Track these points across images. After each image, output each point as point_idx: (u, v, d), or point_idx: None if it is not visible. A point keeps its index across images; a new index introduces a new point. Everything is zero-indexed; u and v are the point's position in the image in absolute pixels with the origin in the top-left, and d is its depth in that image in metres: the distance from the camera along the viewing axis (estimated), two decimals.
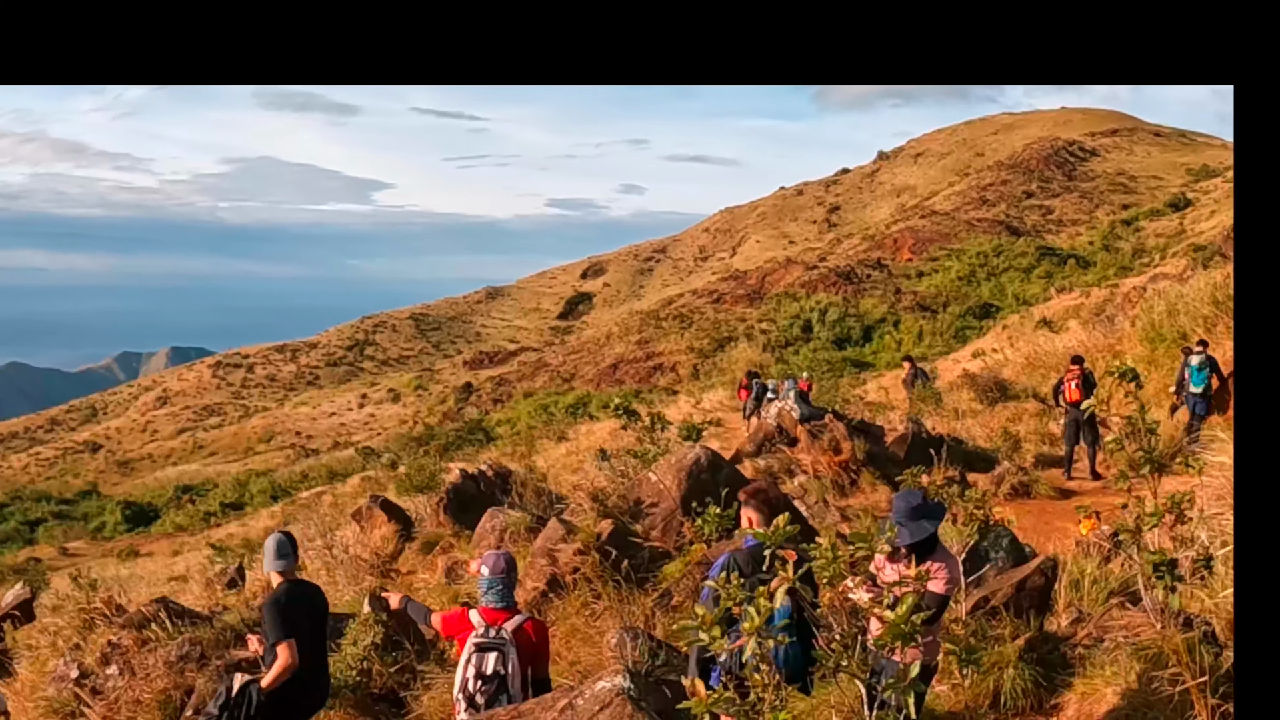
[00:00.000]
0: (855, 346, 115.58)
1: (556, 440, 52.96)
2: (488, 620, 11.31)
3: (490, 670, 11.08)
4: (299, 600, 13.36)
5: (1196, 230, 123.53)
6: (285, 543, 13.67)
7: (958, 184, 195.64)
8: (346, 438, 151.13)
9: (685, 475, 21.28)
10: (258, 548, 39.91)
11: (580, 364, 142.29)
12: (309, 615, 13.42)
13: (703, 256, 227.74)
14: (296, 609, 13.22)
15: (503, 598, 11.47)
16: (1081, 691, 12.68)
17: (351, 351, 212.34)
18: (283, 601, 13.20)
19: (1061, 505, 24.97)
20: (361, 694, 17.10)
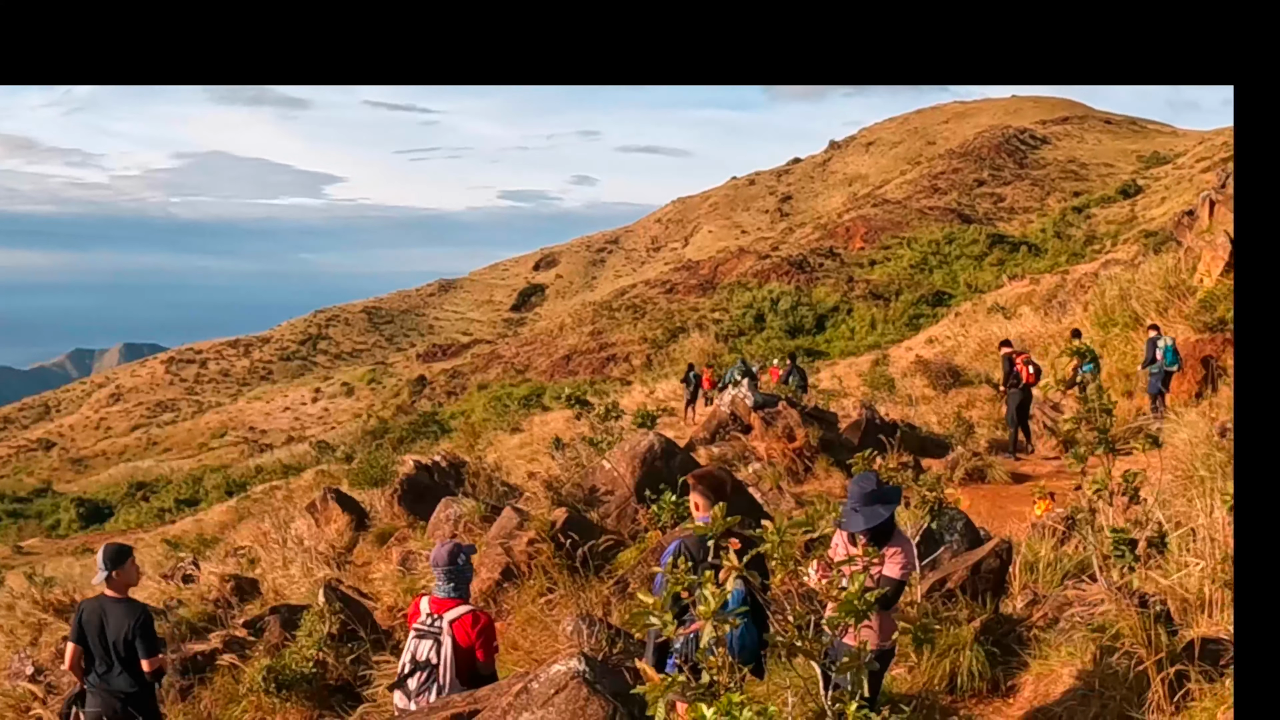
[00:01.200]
0: (808, 335, 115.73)
1: (510, 431, 52.97)
2: (433, 609, 11.28)
3: (423, 657, 11.14)
4: (93, 614, 13.56)
5: (1148, 217, 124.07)
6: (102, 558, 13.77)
7: (909, 172, 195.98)
8: (301, 432, 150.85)
9: (639, 463, 21.27)
10: (212, 543, 39.86)
11: (534, 355, 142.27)
12: (100, 629, 13.54)
13: (655, 247, 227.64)
14: (87, 621, 13.57)
15: (448, 589, 11.41)
16: (1037, 672, 12.71)
17: (305, 346, 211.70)
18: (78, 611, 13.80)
19: (1016, 489, 25.03)
20: (317, 685, 17.01)
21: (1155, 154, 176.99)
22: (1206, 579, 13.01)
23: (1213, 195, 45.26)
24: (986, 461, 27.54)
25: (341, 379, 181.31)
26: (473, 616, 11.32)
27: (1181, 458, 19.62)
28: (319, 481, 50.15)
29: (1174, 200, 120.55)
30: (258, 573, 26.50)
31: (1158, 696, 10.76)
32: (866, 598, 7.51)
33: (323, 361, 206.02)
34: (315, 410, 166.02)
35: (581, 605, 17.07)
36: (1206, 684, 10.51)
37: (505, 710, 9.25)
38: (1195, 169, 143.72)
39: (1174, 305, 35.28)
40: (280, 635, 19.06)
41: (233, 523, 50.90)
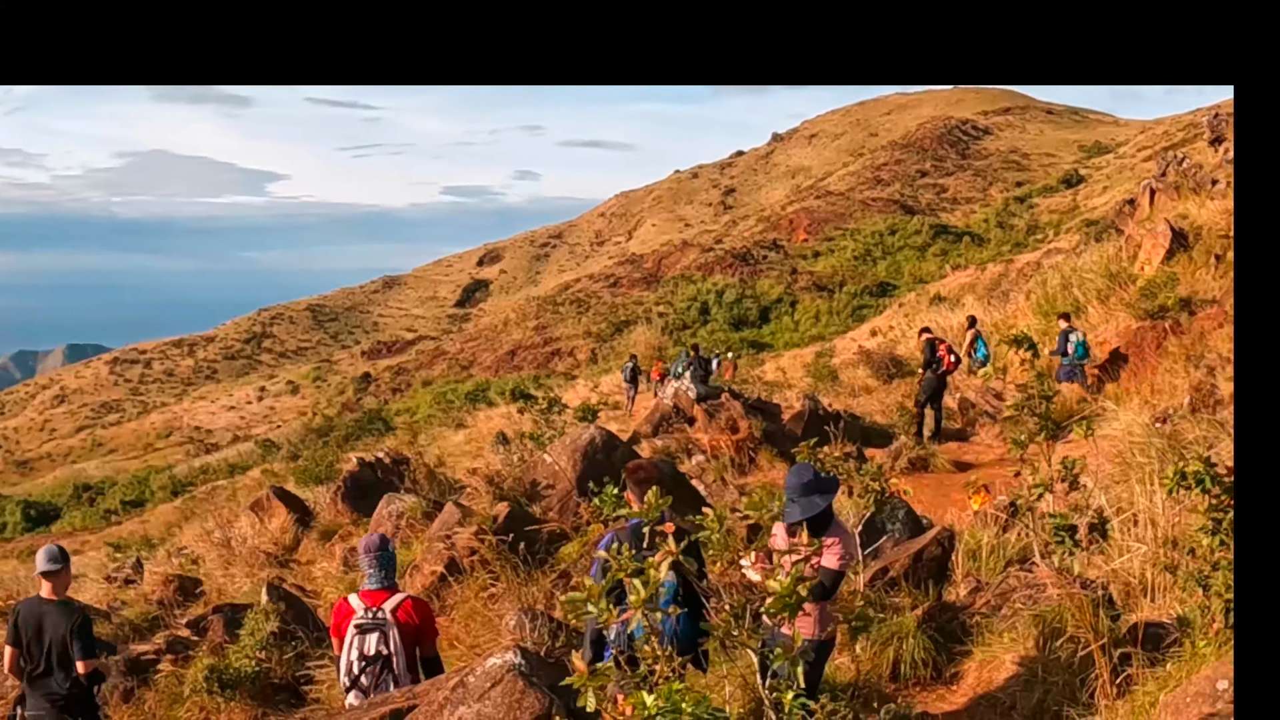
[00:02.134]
0: (753, 328, 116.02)
1: (455, 428, 52.83)
2: (367, 602, 11.29)
3: (373, 651, 11.11)
4: (30, 616, 13.49)
5: (1090, 206, 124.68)
6: (46, 558, 13.71)
7: (852, 164, 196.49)
8: (246, 431, 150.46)
9: (580, 456, 21.27)
10: (158, 544, 39.67)
11: (478, 351, 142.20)
12: (37, 631, 13.49)
13: (599, 241, 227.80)
14: (24, 623, 13.48)
15: (379, 579, 11.48)
16: (981, 659, 12.73)
17: (249, 344, 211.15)
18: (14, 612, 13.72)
19: (959, 478, 25.04)
20: (261, 685, 16.90)
21: (1097, 144, 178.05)
22: (1148, 563, 13.04)
23: (1153, 184, 45.35)
24: (929, 451, 27.57)
25: (286, 377, 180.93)
26: (412, 601, 11.49)
27: (1122, 445, 19.67)
28: (264, 480, 49.99)
29: (1116, 189, 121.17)
30: (201, 572, 26.36)
31: (1101, 681, 10.76)
32: (799, 589, 7.47)
33: (267, 360, 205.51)
34: (260, 409, 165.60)
35: (524, 599, 17.05)
36: (1149, 668, 10.51)
37: (442, 704, 9.21)
38: (1137, 158, 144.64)
39: (1115, 293, 35.39)
40: (223, 635, 18.94)
41: (178, 523, 50.70)
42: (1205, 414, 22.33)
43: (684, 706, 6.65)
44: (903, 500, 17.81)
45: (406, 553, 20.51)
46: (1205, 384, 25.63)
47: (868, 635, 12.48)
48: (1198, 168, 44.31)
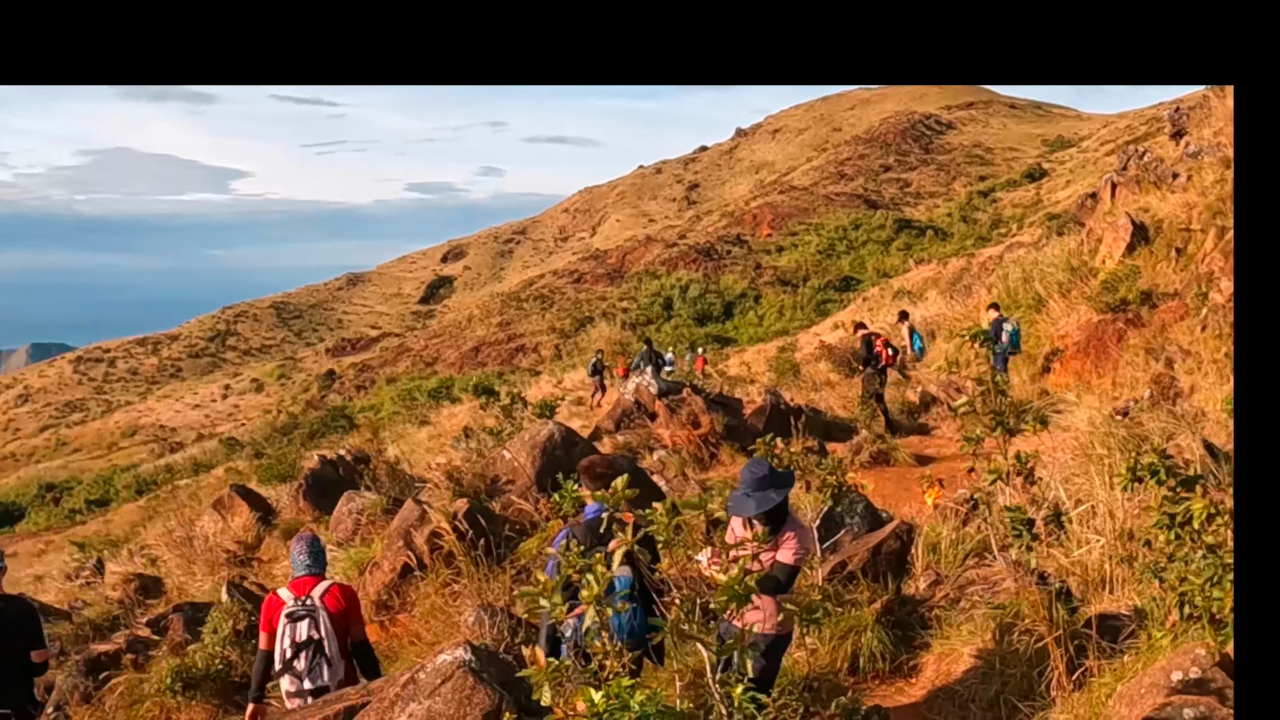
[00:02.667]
0: (716, 322, 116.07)
1: (419, 424, 52.78)
2: (296, 591, 11.86)
3: (304, 636, 11.68)
4: None
5: (1052, 200, 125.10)
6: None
7: (816, 159, 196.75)
8: (210, 429, 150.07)
9: (539, 452, 21.30)
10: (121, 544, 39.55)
11: (442, 348, 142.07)
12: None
13: (563, 237, 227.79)
14: None
15: (307, 566, 12.13)
16: (939, 652, 12.75)
17: (213, 342, 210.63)
18: None
19: (920, 472, 25.05)
20: (223, 683, 16.87)
21: (1060, 138, 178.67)
22: (1106, 556, 13.06)
23: (1115, 177, 45.47)
24: (891, 445, 27.59)
25: (251, 375, 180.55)
26: (339, 588, 12.12)
27: (1081, 437, 19.70)
28: (228, 478, 49.87)
29: (1078, 183, 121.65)
30: (162, 571, 26.29)
31: (1058, 673, 10.77)
32: (748, 582, 7.44)
33: (232, 358, 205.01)
34: (225, 407, 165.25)
35: (484, 595, 17.05)
36: (1106, 659, 10.52)
37: (394, 701, 9.19)
38: (1099, 152, 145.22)
39: (1076, 286, 35.44)
40: (183, 634, 18.92)
41: (143, 522, 50.52)
42: (1165, 406, 22.40)
43: (632, 702, 6.62)
44: (861, 494, 17.82)
45: (367, 550, 20.49)
46: (1165, 376, 25.69)
47: (822, 628, 12.47)
48: (1159, 161, 44.42)
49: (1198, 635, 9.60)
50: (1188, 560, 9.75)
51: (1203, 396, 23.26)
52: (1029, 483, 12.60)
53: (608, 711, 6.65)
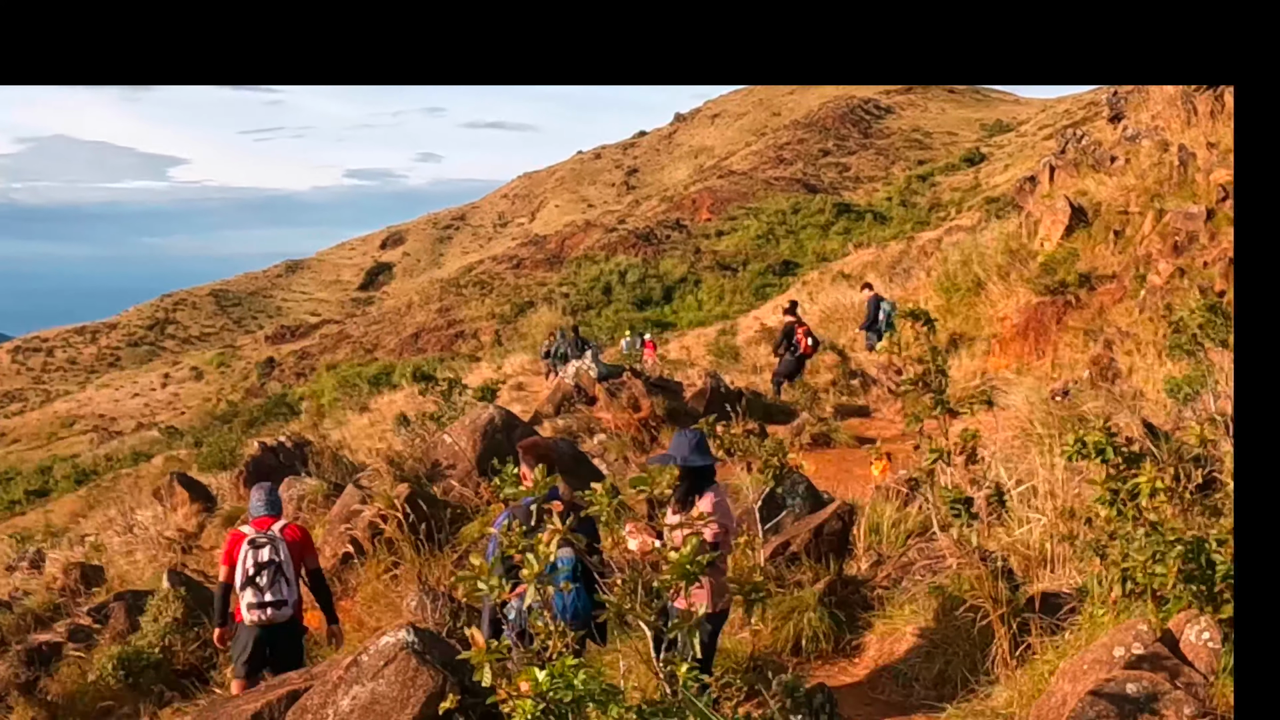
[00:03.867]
0: (656, 307, 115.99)
1: (360, 411, 52.63)
2: (257, 527, 13.78)
3: (266, 559, 13.42)
4: None
5: (991, 184, 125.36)
6: None
7: (755, 144, 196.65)
8: (150, 418, 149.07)
9: (480, 436, 21.31)
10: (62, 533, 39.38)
11: (382, 334, 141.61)
12: None
13: (502, 223, 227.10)
14: None
15: (266, 509, 14.09)
16: (882, 631, 12.79)
17: (152, 331, 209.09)
18: None
19: (861, 453, 25.06)
20: (165, 671, 16.79)
21: (998, 122, 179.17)
22: (1047, 534, 13.11)
23: (1053, 161, 45.62)
24: (832, 427, 27.63)
25: (190, 363, 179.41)
26: (294, 525, 14.26)
27: (1021, 417, 19.79)
28: (168, 467, 49.66)
29: (1017, 167, 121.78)
30: (104, 560, 26.17)
31: (1001, 650, 10.80)
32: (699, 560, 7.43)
33: (171, 346, 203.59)
34: (165, 396, 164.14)
35: (426, 580, 17.02)
36: (1048, 636, 10.55)
37: (336, 684, 9.16)
38: (1038, 136, 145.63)
39: (1015, 269, 35.57)
40: (125, 622, 18.83)
41: (83, 512, 50.32)
42: (1104, 387, 22.51)
43: (576, 682, 6.60)
44: (803, 475, 17.83)
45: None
46: (1104, 358, 25.81)
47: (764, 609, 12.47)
48: (1097, 145, 44.59)
49: (1140, 611, 9.63)
50: (1129, 537, 9.78)
51: (1141, 377, 23.38)
52: (970, 462, 12.64)
53: (551, 691, 6.63)
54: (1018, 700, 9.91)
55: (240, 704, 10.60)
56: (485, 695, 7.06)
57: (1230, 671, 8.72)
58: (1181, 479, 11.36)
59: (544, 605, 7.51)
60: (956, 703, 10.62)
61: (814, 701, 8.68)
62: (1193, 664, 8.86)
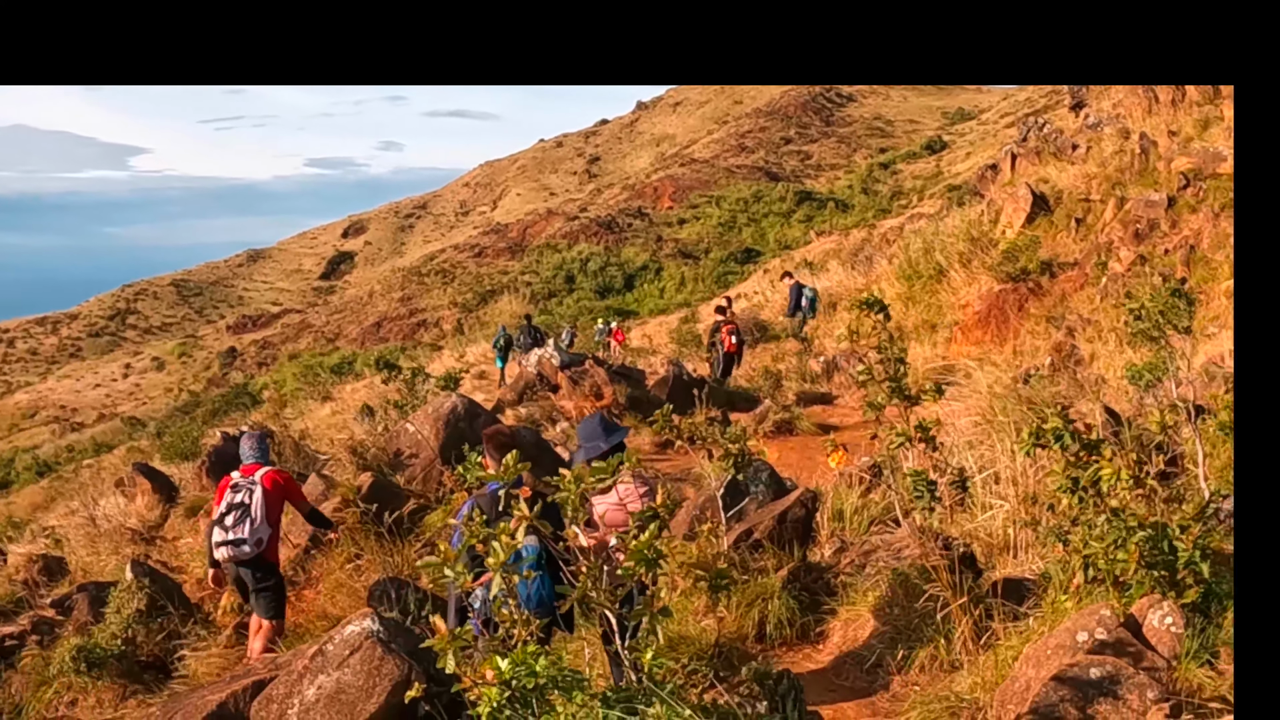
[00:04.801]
0: (618, 295, 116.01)
1: (322, 400, 52.52)
2: (244, 473, 14.88)
3: (238, 501, 14.52)
4: None
5: (953, 172, 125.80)
6: None
7: (716, 132, 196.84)
8: (112, 409, 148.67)
9: (443, 424, 21.29)
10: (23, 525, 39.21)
11: (344, 323, 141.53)
12: None
13: (464, 211, 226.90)
14: None
15: (255, 457, 15.20)
16: (846, 618, 12.80)
17: (113, 321, 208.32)
18: None
19: (824, 440, 25.09)
20: (129, 663, 16.72)
21: (960, 110, 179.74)
22: (1010, 520, 13.15)
23: (1015, 149, 45.82)
24: (794, 414, 27.67)
25: (151, 353, 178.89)
26: (276, 471, 15.17)
27: (983, 405, 19.83)
28: (130, 458, 49.51)
29: (978, 155, 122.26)
30: (66, 552, 26.05)
31: (964, 636, 10.82)
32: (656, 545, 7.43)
33: (132, 336, 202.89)
34: (126, 386, 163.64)
35: (389, 569, 17.04)
36: (1011, 622, 10.59)
37: (302, 673, 9.15)
38: (999, 124, 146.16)
39: (977, 256, 35.64)
40: (89, 614, 18.74)
41: (45, 504, 50.13)
42: (1066, 373, 22.57)
43: (539, 669, 6.61)
44: (766, 462, 17.86)
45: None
46: (1065, 344, 25.89)
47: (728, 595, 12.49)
48: (1059, 133, 44.77)
49: (1102, 597, 9.67)
50: (1091, 523, 9.81)
51: (1103, 364, 23.46)
52: (932, 449, 12.66)
53: (515, 679, 6.63)
54: (981, 686, 9.93)
55: (205, 694, 10.59)
56: (451, 683, 7.06)
57: (1193, 655, 8.77)
58: (1144, 465, 11.41)
59: (509, 593, 7.50)
60: (920, 688, 10.65)
61: (779, 688, 8.69)
62: (1155, 648, 8.90)
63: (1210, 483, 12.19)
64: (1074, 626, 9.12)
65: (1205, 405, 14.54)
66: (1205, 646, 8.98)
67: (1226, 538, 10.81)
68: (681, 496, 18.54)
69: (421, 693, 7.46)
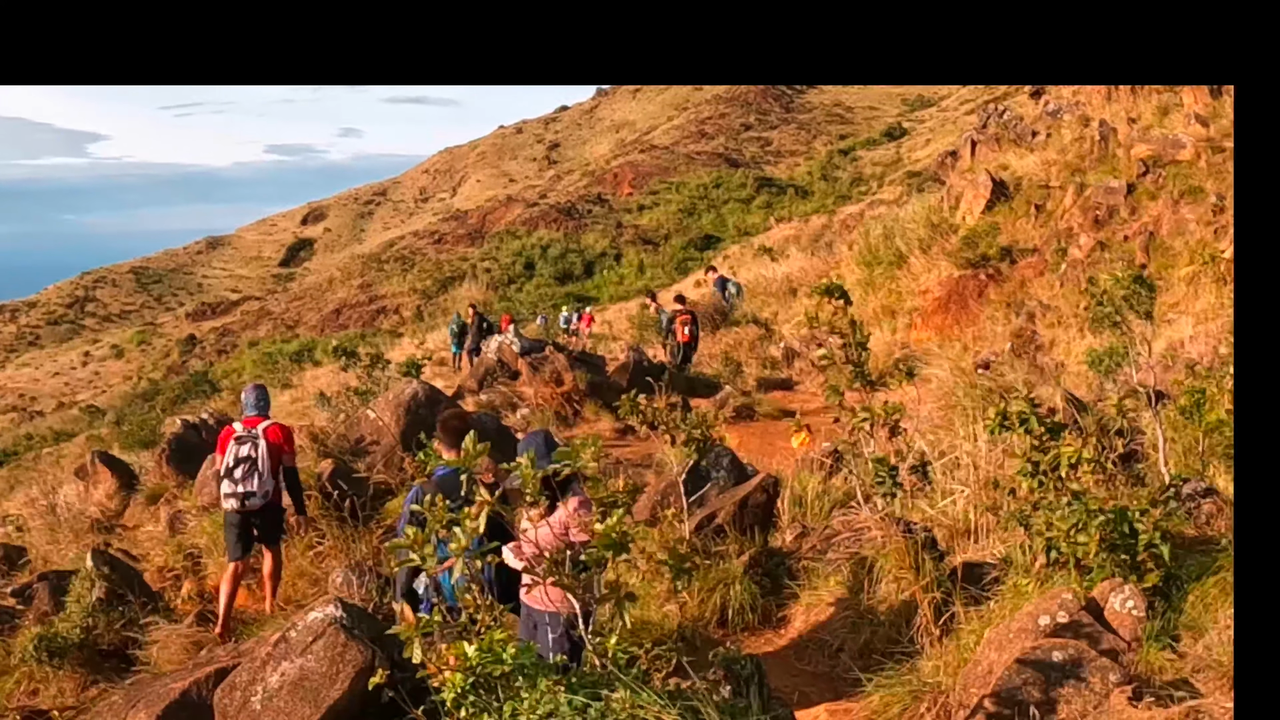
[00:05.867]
0: (577, 282, 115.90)
1: (281, 387, 52.41)
2: (246, 425, 15.79)
3: (244, 454, 15.50)
4: None
5: (913, 158, 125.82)
6: None
7: (676, 118, 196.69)
8: (71, 397, 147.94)
9: (404, 411, 21.29)
10: None
11: (304, 311, 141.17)
12: None
13: (423, 198, 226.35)
14: None
15: (256, 409, 16.17)
16: (808, 603, 12.83)
17: (72, 309, 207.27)
18: None
19: (784, 425, 25.17)
20: (89, 652, 16.65)
21: (920, 97, 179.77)
22: (971, 505, 13.19)
23: (975, 135, 45.84)
24: (755, 400, 27.72)
25: (110, 341, 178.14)
26: (278, 425, 16.13)
27: (944, 389, 19.89)
28: (90, 446, 49.33)
29: (938, 142, 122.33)
30: (26, 541, 25.95)
31: (926, 620, 10.86)
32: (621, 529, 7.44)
33: (91, 324, 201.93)
34: (85, 374, 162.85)
35: (351, 556, 17.03)
36: (973, 606, 10.62)
37: (265, 660, 9.13)
38: (959, 111, 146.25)
39: (937, 243, 35.74)
40: (50, 603, 18.68)
41: (4, 492, 49.86)
42: (1026, 359, 22.66)
43: (505, 656, 6.61)
44: (727, 448, 17.88)
45: None
46: (1026, 330, 26.00)
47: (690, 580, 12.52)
48: (1018, 119, 44.87)
49: (1064, 581, 9.72)
50: (1052, 507, 9.85)
51: (1062, 349, 23.57)
52: (893, 434, 12.69)
53: (480, 665, 6.64)
54: (944, 669, 9.97)
55: (168, 682, 10.57)
56: (414, 669, 7.06)
57: (1154, 638, 8.82)
58: (1105, 449, 11.45)
59: (472, 579, 7.49)
60: (883, 673, 10.67)
61: (742, 672, 8.70)
62: (1117, 631, 8.96)
63: (1171, 467, 12.26)
64: (1036, 610, 9.17)
65: (1165, 391, 14.61)
66: (1166, 630, 9.05)
67: (1187, 521, 10.87)
68: (643, 482, 18.57)
69: (385, 679, 7.45)
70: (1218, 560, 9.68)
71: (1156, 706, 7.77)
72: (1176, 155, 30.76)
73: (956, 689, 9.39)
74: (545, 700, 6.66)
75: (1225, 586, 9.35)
